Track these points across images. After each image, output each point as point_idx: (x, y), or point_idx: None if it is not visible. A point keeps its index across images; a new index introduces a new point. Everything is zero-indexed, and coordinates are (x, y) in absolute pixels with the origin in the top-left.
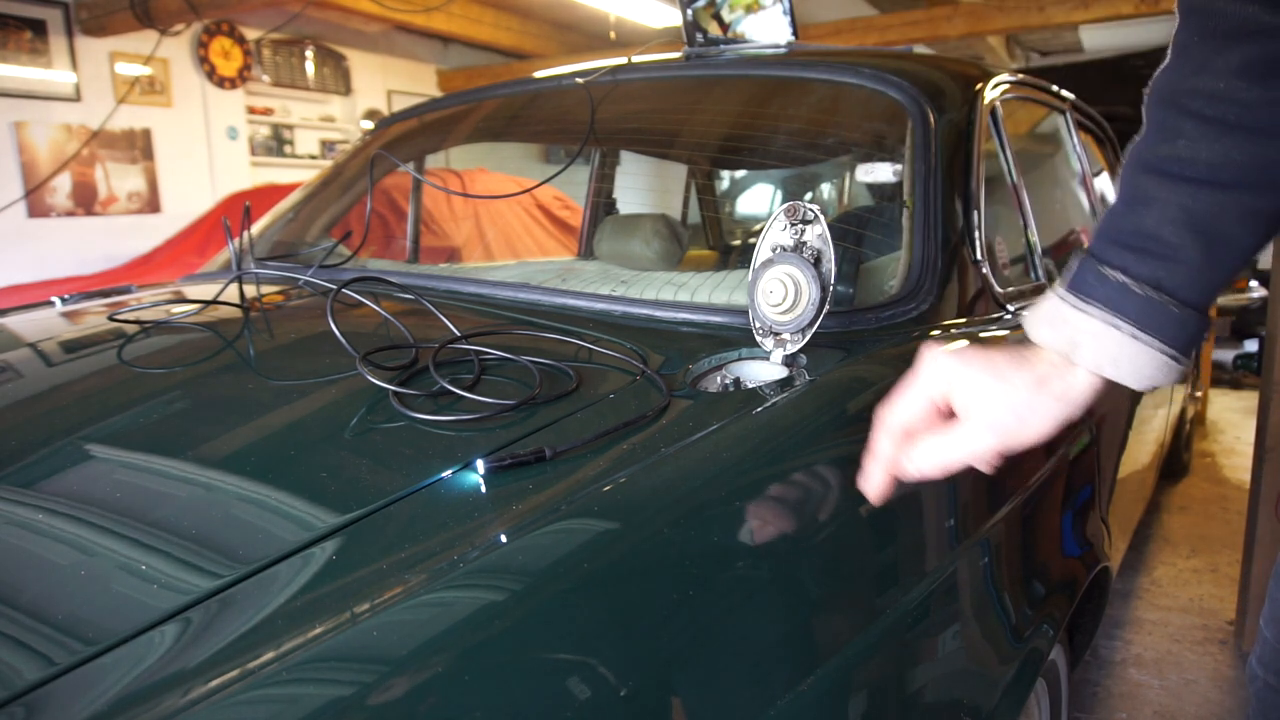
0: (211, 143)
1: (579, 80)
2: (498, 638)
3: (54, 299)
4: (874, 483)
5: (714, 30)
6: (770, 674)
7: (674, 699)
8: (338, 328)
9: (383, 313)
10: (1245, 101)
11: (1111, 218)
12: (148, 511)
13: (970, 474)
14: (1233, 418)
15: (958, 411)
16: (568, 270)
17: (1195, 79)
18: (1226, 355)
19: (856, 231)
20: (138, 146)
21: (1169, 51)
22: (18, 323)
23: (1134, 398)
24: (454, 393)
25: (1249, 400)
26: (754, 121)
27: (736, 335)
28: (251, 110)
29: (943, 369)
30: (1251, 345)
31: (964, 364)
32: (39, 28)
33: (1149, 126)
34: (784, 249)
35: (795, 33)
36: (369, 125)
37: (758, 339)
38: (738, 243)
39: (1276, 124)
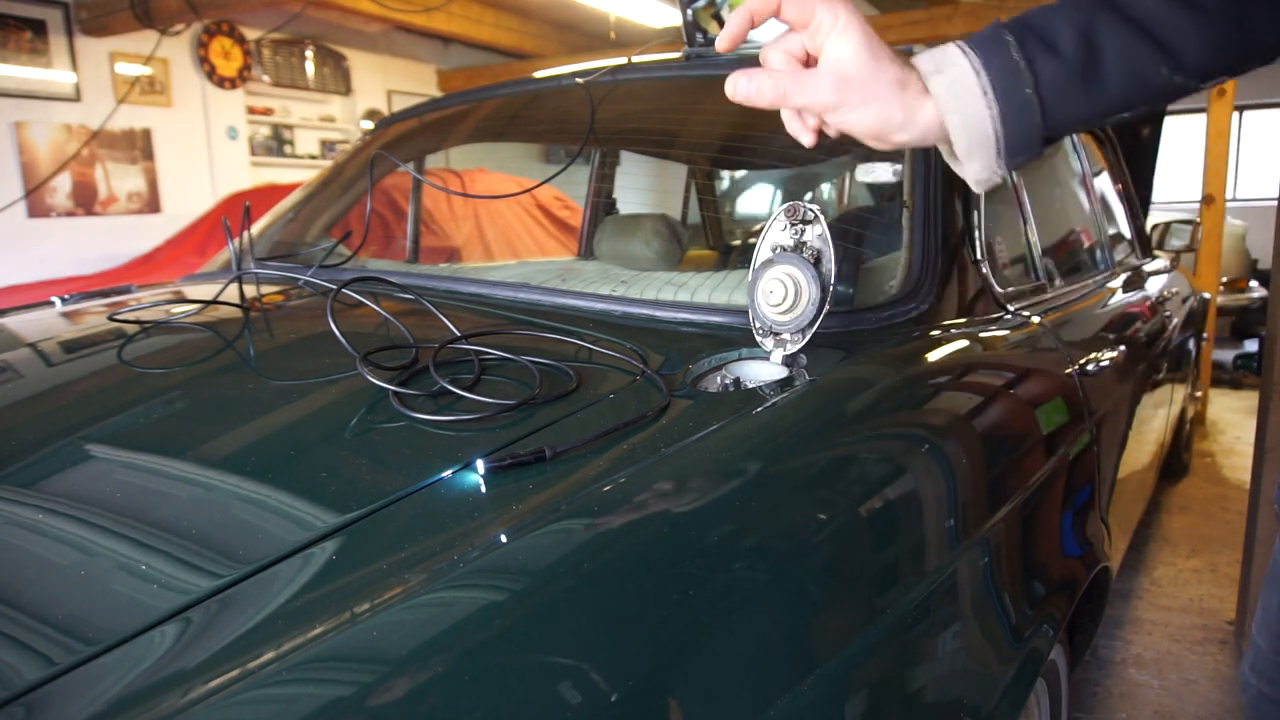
0: (211, 143)
1: (579, 80)
2: (498, 638)
3: (54, 299)
4: (728, 34)
5: (714, 30)
6: (770, 674)
7: (674, 699)
8: (338, 328)
9: (383, 313)
10: None
11: (1036, 7)
12: (148, 511)
13: (970, 474)
14: (1233, 418)
15: (818, 57)
16: (568, 270)
17: None
18: (1226, 355)
19: (856, 231)
20: (138, 146)
21: None
22: (18, 323)
23: (1134, 397)
24: (454, 393)
25: (1249, 400)
26: (754, 121)
27: (736, 335)
28: (251, 110)
29: (832, 11)
30: (1251, 345)
31: (853, 20)
32: (39, 28)
33: None
34: (784, 249)
35: None
36: (369, 125)
37: (758, 339)
38: (738, 243)
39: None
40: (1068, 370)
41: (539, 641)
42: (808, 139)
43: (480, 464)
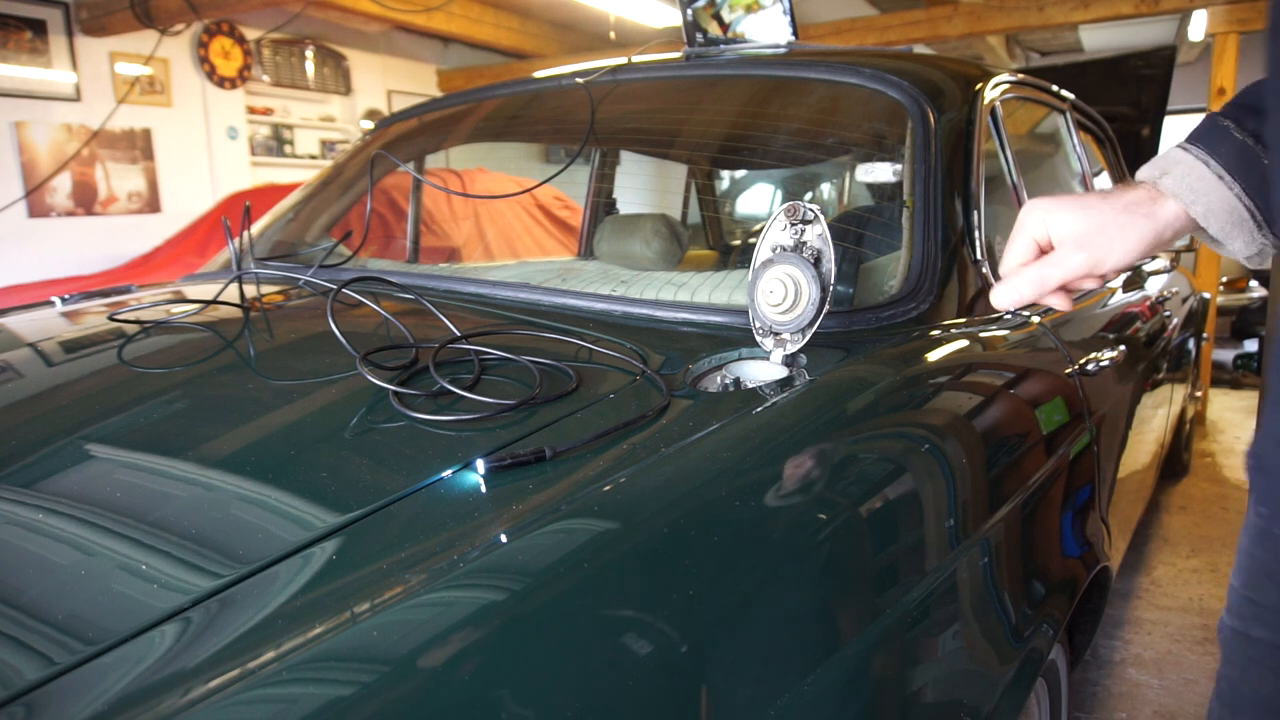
0: (211, 143)
1: (579, 80)
2: (498, 638)
3: (54, 299)
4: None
5: (714, 30)
6: (770, 673)
7: (673, 699)
8: (338, 328)
9: (383, 313)
10: None
11: (1248, 86)
12: (148, 511)
13: (970, 474)
14: (1233, 418)
15: (1053, 242)
16: (568, 270)
17: None
18: (1226, 355)
19: (856, 231)
20: (138, 146)
21: None
22: (18, 323)
23: (1134, 397)
24: (454, 393)
25: (1249, 400)
26: (754, 121)
27: (736, 335)
28: (251, 110)
29: (1038, 209)
30: (1251, 345)
31: (1056, 201)
32: (39, 28)
33: None
34: (784, 249)
35: (795, 33)
36: (369, 125)
37: (758, 339)
38: (738, 243)
39: None
40: (1068, 370)
41: (539, 641)
42: (1089, 284)
43: (480, 464)
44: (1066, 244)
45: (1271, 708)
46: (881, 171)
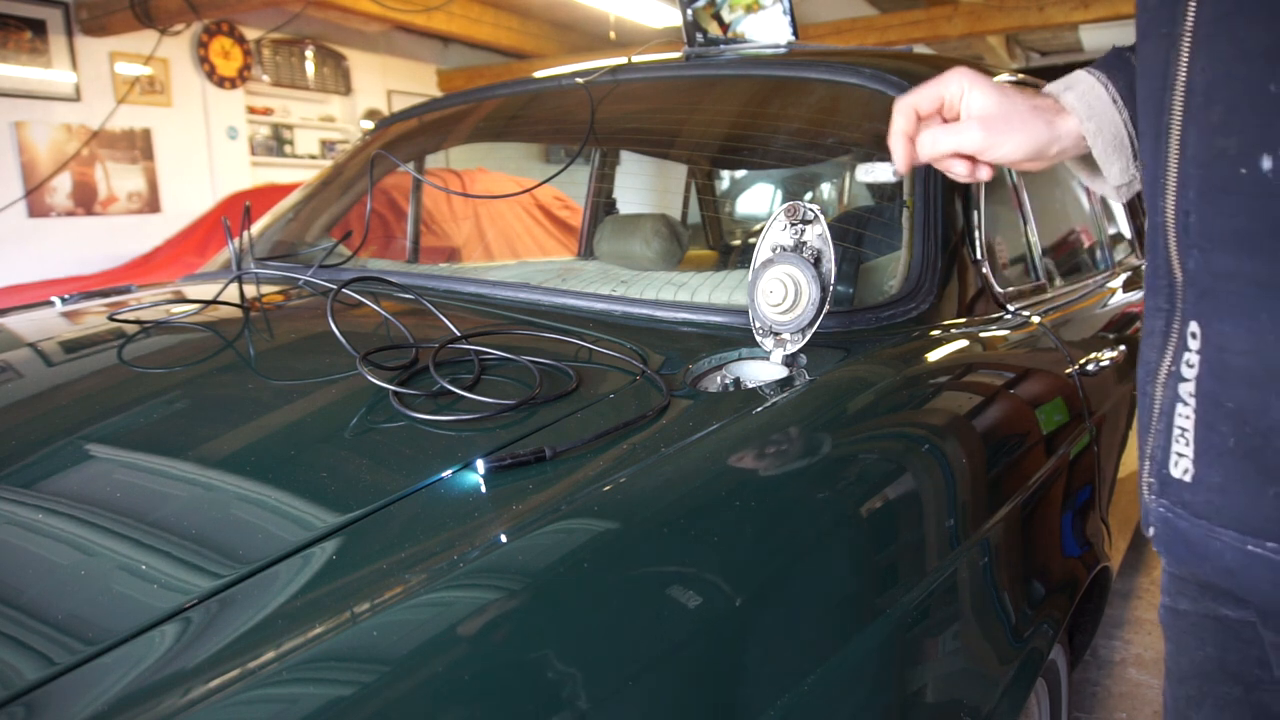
0: (211, 143)
1: (579, 80)
2: (498, 638)
3: (54, 299)
4: (896, 154)
5: (714, 30)
6: (770, 673)
7: (673, 699)
8: (338, 328)
9: (383, 313)
10: None
11: None
12: (148, 511)
13: (970, 474)
14: None
15: (962, 113)
16: (568, 270)
17: None
18: None
19: (856, 231)
20: (138, 146)
21: None
22: (18, 323)
23: (1134, 397)
24: (454, 393)
25: None
26: (754, 121)
27: (736, 335)
28: (251, 110)
29: (960, 74)
30: None
31: (980, 77)
32: (39, 28)
33: None
34: (784, 249)
35: (795, 33)
36: (369, 125)
37: (758, 339)
38: (738, 243)
39: None
40: (1068, 370)
41: (539, 641)
42: (983, 174)
43: (480, 464)
44: (972, 119)
45: (1204, 671)
46: (881, 171)
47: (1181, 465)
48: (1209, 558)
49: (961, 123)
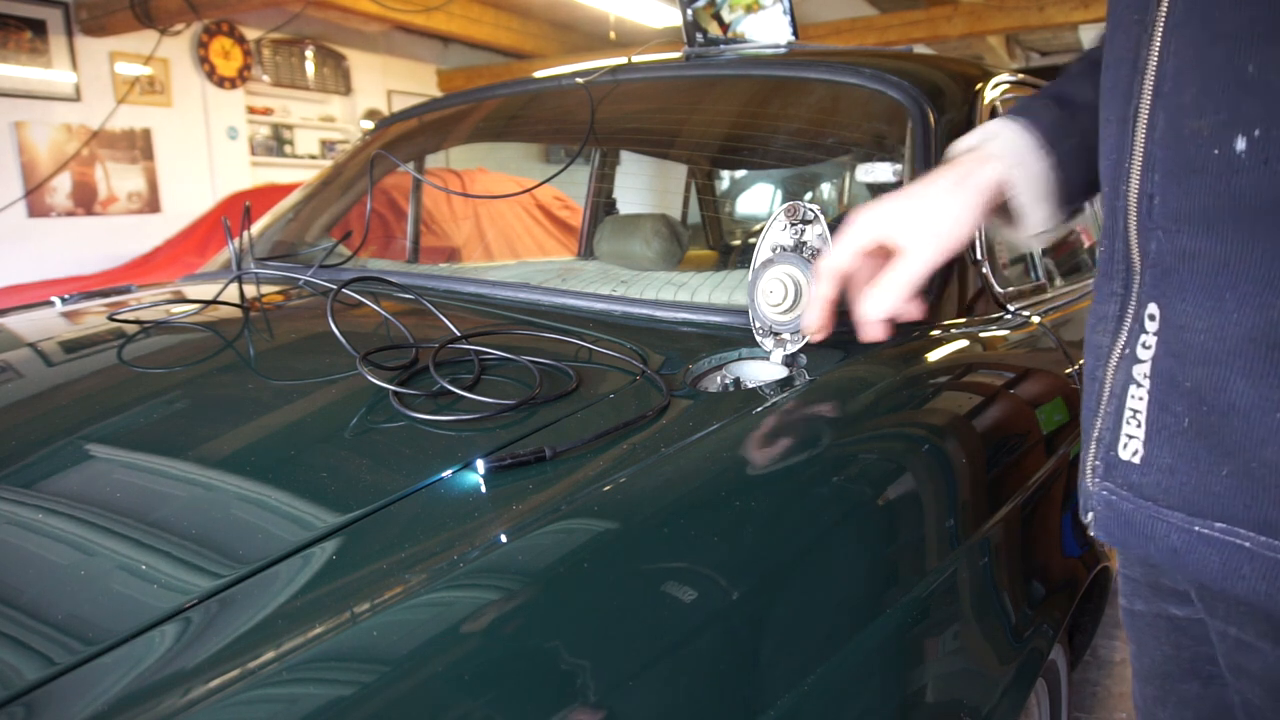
0: (211, 143)
1: (579, 80)
2: (498, 638)
3: (54, 299)
4: (813, 320)
5: (714, 30)
6: (770, 673)
7: (673, 698)
8: (338, 328)
9: (383, 313)
10: None
11: (1057, 79)
12: (148, 511)
13: (970, 474)
14: None
15: (895, 244)
16: (568, 270)
17: None
18: None
19: None
20: (138, 146)
21: None
22: (18, 323)
23: None
24: (454, 393)
25: None
26: (754, 121)
27: (736, 335)
28: (251, 110)
29: (866, 218)
30: None
31: (884, 204)
32: (39, 28)
33: None
34: (784, 249)
35: (795, 33)
36: (369, 125)
37: (758, 339)
38: (738, 243)
39: None
40: (1068, 370)
41: (539, 641)
42: (822, 327)
43: (480, 464)
44: (910, 241)
45: (1164, 670)
46: (881, 171)
47: (1131, 447)
48: (1153, 539)
49: (909, 249)
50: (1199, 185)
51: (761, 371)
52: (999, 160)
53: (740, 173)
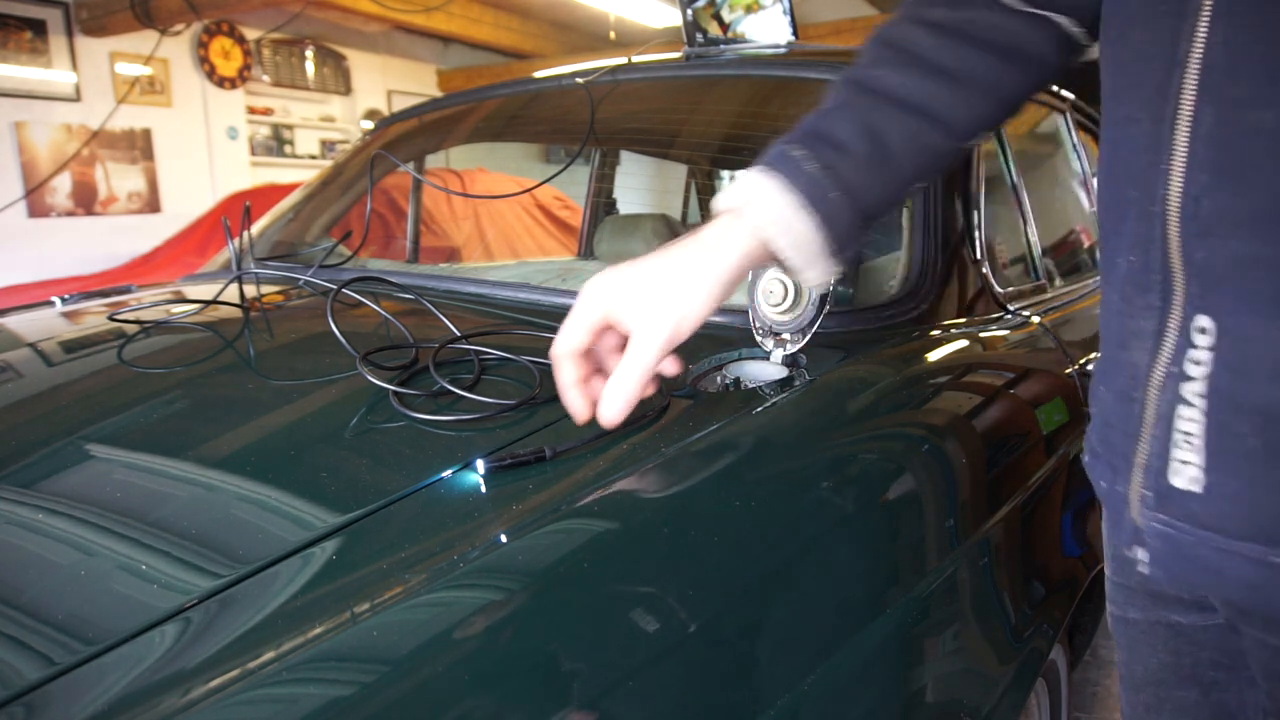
0: (211, 143)
1: (579, 80)
2: (498, 638)
3: (54, 299)
4: (575, 408)
5: (714, 30)
6: (770, 673)
7: (673, 698)
8: (338, 327)
9: (383, 313)
10: (927, 47)
11: (811, 114)
12: (148, 511)
13: (970, 474)
14: None
15: (623, 326)
16: (568, 270)
17: (900, 24)
18: None
19: None
20: (138, 146)
21: None
22: (18, 323)
23: None
24: (454, 393)
25: None
26: (754, 121)
27: (736, 335)
28: (251, 110)
29: (593, 292)
30: None
31: (616, 275)
32: (39, 28)
33: (864, 52)
34: None
35: (795, 33)
36: (369, 125)
37: (758, 339)
38: None
39: (947, 71)
40: (1068, 370)
41: (539, 642)
42: (582, 416)
43: (480, 464)
44: (640, 320)
45: (1159, 678)
46: None
47: (1187, 474)
48: (1223, 574)
49: (632, 349)
50: (1257, 184)
51: (761, 371)
52: (759, 227)
53: (740, 173)
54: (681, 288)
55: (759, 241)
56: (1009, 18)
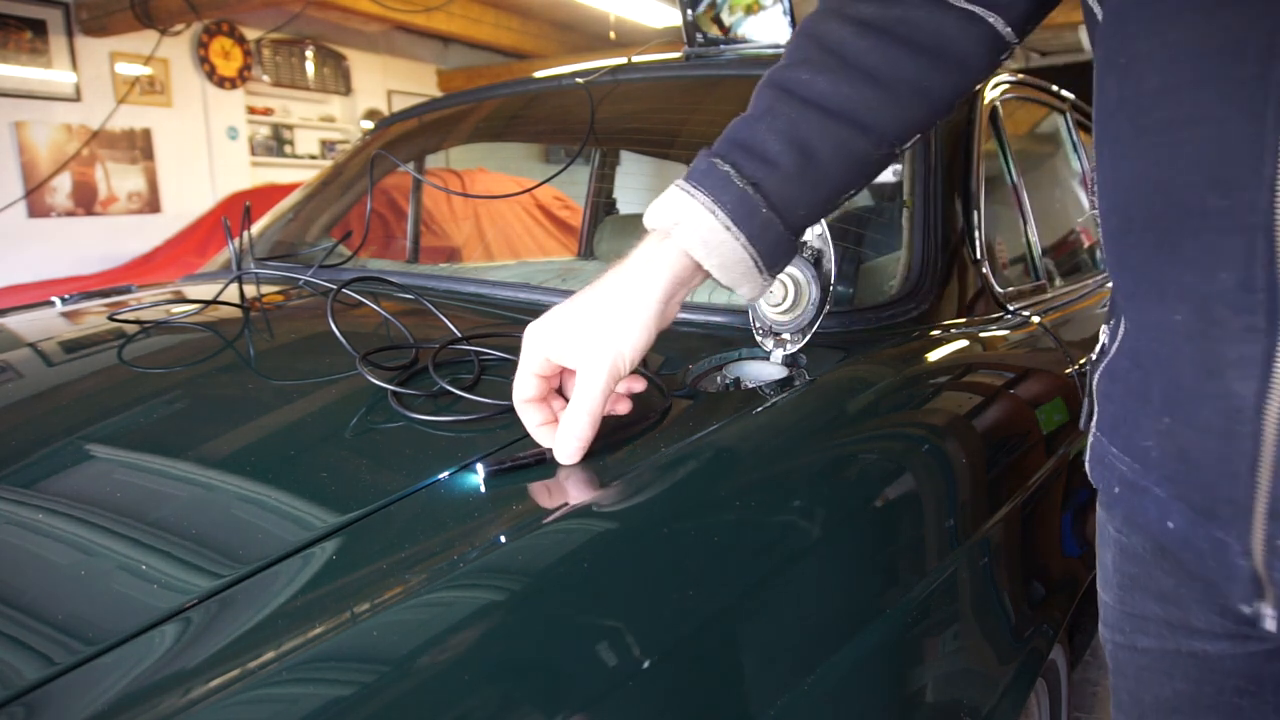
0: (211, 143)
1: (579, 80)
2: (498, 638)
3: (54, 299)
4: (546, 445)
5: (714, 31)
6: (770, 673)
7: (673, 699)
8: (338, 327)
9: (383, 313)
10: (858, 49)
11: (737, 122)
12: (148, 511)
13: (970, 474)
14: None
15: (567, 365)
16: (568, 270)
17: (828, 20)
18: None
19: (856, 231)
20: (138, 146)
21: None
22: (18, 323)
23: None
24: (453, 393)
25: None
26: None
27: (736, 335)
28: (251, 110)
29: (532, 338)
30: None
31: (550, 319)
32: (39, 28)
33: (790, 48)
34: None
35: None
36: (369, 125)
37: (758, 339)
38: None
39: (873, 75)
40: (1068, 370)
41: (539, 642)
42: (570, 455)
43: (480, 467)
44: (581, 358)
45: (1172, 707)
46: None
47: None
48: None
49: (578, 390)
50: None
51: (761, 371)
52: (687, 248)
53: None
54: (615, 322)
55: (688, 262)
56: (942, 16)
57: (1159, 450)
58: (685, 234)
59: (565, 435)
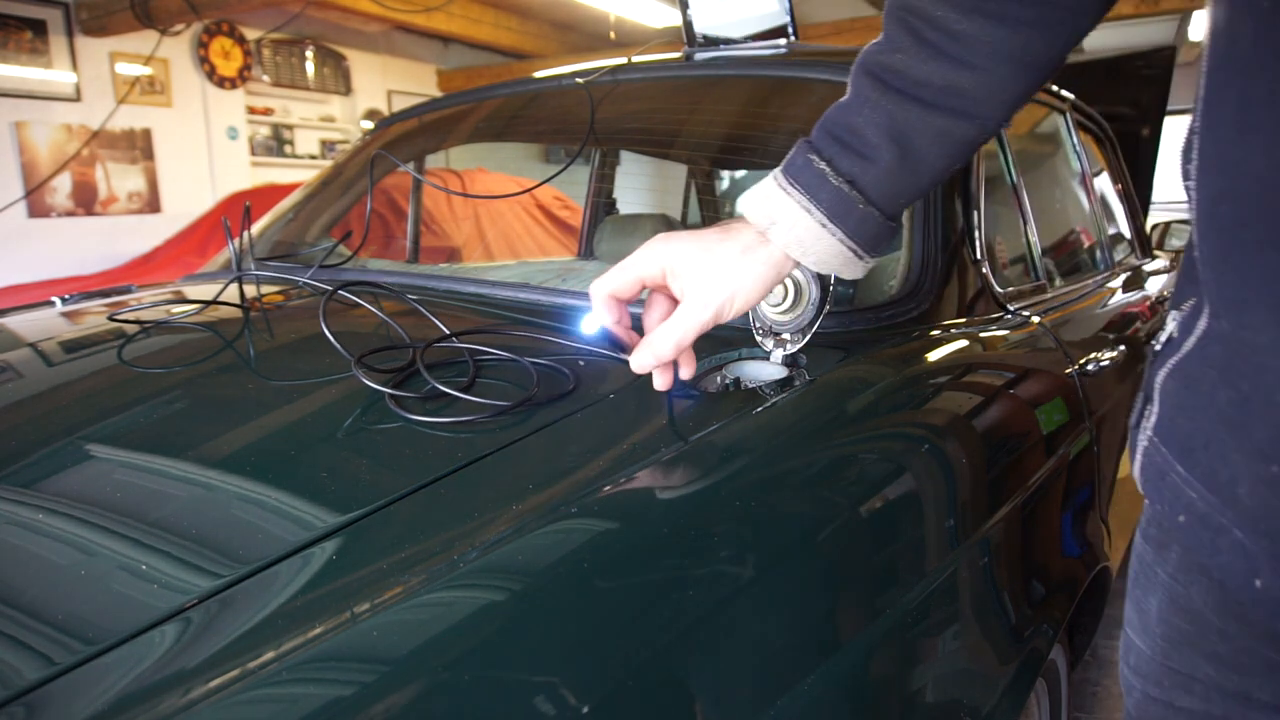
0: (211, 143)
1: (579, 80)
2: (498, 638)
3: (54, 299)
4: (636, 354)
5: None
6: (770, 674)
7: (674, 699)
8: (333, 330)
9: (380, 314)
10: (953, 33)
11: (834, 109)
12: (148, 511)
13: (970, 474)
14: None
15: (676, 293)
16: (568, 270)
17: (923, 1)
18: None
19: None
20: (138, 146)
21: None
22: (18, 323)
23: (1134, 396)
24: (448, 394)
25: None
26: (754, 121)
27: (736, 335)
28: (251, 110)
29: (656, 250)
30: None
31: (676, 242)
32: (39, 28)
33: (884, 32)
34: None
35: (795, 33)
36: (369, 125)
37: (758, 339)
38: None
39: (971, 59)
40: (1068, 370)
41: (539, 642)
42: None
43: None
44: (690, 294)
45: None
46: None
47: None
48: None
49: (688, 304)
50: None
51: (761, 371)
52: (785, 245)
53: (740, 173)
54: (740, 267)
55: (781, 259)
56: None
57: (1255, 499)
58: (781, 234)
59: (646, 348)
